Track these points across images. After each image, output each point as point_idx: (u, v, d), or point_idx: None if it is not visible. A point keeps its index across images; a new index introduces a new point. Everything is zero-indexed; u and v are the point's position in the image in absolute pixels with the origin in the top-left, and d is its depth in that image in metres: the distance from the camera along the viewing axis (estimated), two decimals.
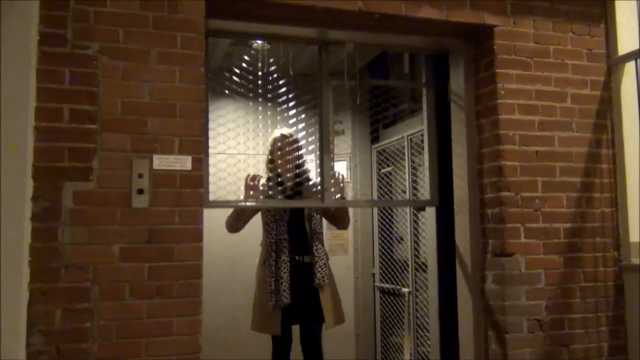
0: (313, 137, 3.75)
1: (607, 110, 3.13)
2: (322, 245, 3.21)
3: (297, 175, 3.23)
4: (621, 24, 3.17)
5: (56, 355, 2.23)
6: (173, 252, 2.41)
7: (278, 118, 4.48)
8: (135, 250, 2.37)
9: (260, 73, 3.99)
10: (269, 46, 3.96)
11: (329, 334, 3.37)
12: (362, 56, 4.40)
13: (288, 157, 3.18)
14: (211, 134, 2.94)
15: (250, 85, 3.99)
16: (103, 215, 2.34)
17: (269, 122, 4.81)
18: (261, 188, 3.08)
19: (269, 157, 3.26)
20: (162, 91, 2.47)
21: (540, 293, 2.90)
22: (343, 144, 4.84)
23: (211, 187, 2.84)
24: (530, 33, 3.05)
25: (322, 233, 3.22)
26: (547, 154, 3.00)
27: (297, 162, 3.23)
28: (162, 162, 2.44)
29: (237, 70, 3.88)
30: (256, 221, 3.27)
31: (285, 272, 3.01)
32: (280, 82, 4.01)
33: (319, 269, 3.09)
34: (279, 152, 3.20)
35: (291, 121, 4.28)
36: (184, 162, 2.47)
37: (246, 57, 3.81)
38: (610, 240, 3.05)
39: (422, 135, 3.79)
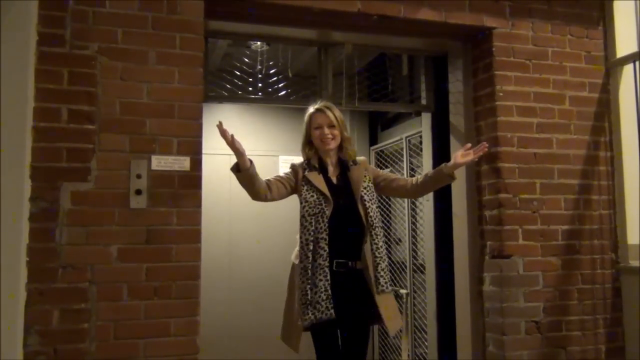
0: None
1: (605, 113, 3.13)
2: (381, 242, 2.53)
3: (342, 159, 2.61)
4: (619, 26, 3.17)
5: (53, 356, 2.23)
6: (171, 252, 2.41)
7: (277, 117, 4.51)
8: (133, 250, 2.37)
9: (260, 69, 3.99)
10: (267, 47, 3.96)
11: None
12: (361, 57, 4.40)
13: (329, 137, 2.53)
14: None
15: (250, 79, 3.98)
16: (101, 216, 2.34)
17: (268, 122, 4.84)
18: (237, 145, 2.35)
19: (306, 139, 2.60)
20: (161, 92, 2.47)
21: (538, 295, 2.90)
22: None
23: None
24: (528, 35, 3.05)
25: (380, 227, 2.55)
26: (545, 156, 3.00)
27: (340, 142, 2.58)
28: (160, 162, 2.44)
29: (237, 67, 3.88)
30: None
31: (321, 280, 2.39)
32: (278, 80, 4.02)
33: (382, 273, 2.48)
34: (317, 132, 2.54)
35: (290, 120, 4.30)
36: (183, 163, 2.47)
37: (247, 54, 3.78)
38: (608, 242, 3.06)
39: (421, 136, 3.81)
